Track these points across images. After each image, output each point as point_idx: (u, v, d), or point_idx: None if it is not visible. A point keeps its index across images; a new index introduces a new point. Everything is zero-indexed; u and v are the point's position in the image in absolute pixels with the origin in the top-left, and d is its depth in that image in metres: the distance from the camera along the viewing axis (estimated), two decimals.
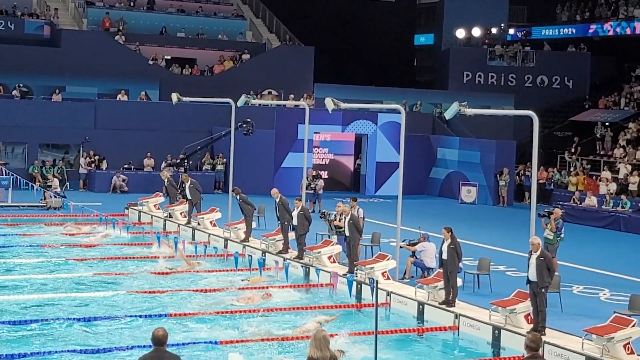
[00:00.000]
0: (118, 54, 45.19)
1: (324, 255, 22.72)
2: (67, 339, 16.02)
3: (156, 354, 9.89)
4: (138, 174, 39.78)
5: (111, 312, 18.05)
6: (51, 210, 32.31)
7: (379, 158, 41.57)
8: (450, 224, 19.30)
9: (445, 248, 18.79)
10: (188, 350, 15.46)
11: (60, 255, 23.84)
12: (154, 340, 9.89)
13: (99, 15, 48.10)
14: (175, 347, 15.17)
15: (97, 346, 15.52)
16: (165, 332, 9.94)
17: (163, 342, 9.88)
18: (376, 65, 55.24)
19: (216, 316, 18.05)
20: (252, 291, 19.97)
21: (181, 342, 15.87)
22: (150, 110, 42.27)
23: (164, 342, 9.89)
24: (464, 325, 17.83)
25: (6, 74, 42.52)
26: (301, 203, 23.84)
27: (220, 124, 39.02)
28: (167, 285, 20.84)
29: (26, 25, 45.66)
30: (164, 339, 9.88)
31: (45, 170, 38.60)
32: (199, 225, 28.04)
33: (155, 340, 9.89)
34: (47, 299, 18.95)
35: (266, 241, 24.69)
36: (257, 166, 39.01)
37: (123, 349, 15.31)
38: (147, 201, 31.59)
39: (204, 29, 49.80)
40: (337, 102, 23.12)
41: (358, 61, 54.71)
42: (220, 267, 23.28)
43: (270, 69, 47.06)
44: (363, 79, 49.08)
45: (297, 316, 18.36)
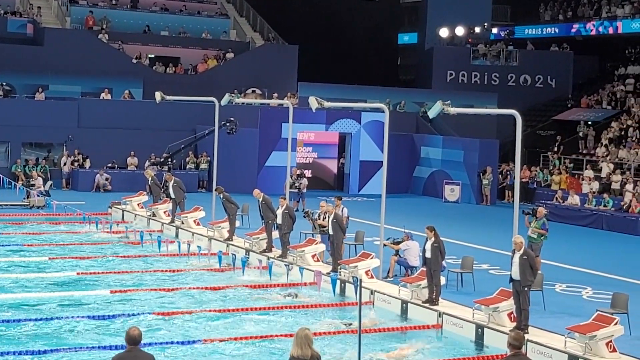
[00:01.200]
0: (101, 52, 45.05)
1: (307, 254, 22.75)
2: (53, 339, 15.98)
3: (131, 353, 9.93)
4: (121, 172, 39.68)
5: (95, 311, 18.00)
6: (34, 209, 32.19)
7: (363, 157, 41.61)
8: (434, 223, 19.35)
9: (429, 247, 18.83)
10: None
11: (44, 254, 23.76)
12: (129, 339, 9.95)
13: (82, 14, 47.93)
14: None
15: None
16: (140, 332, 10.00)
17: (138, 341, 9.95)
18: (360, 64, 55.24)
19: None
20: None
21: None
22: (134, 109, 42.15)
23: (139, 342, 9.96)
24: (447, 324, 17.89)
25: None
26: (285, 202, 23.86)
27: (204, 123, 38.95)
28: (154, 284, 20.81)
29: (9, 24, 45.46)
30: (139, 338, 9.95)
31: (28, 169, 38.45)
32: (182, 224, 28.00)
33: (131, 340, 9.95)
34: (29, 299, 18.87)
35: (250, 240, 24.70)
36: (241, 165, 38.99)
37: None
38: (130, 200, 31.53)
39: (187, 27, 49.72)
40: (321, 101, 23.11)
41: (342, 60, 54.72)
42: (204, 265, 23.25)
43: (254, 67, 47.03)
44: (347, 78, 49.08)
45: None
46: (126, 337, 9.95)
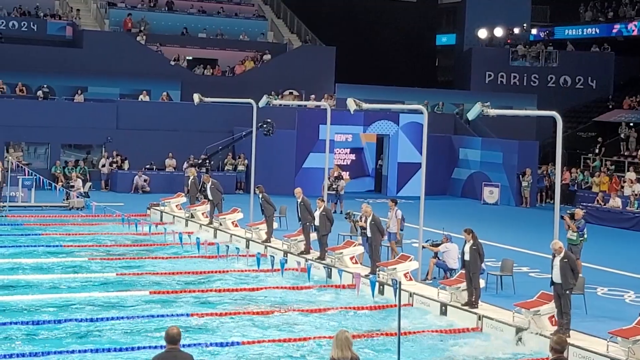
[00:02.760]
0: (140, 54, 45.29)
1: (346, 256, 22.66)
2: (93, 338, 16.04)
3: (170, 353, 9.85)
4: (160, 174, 39.83)
5: (133, 312, 18.05)
6: (74, 211, 32.40)
7: (401, 159, 41.42)
8: (473, 225, 19.19)
9: (468, 249, 18.68)
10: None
11: (83, 255, 23.88)
12: (169, 338, 9.84)
13: (120, 16, 48.23)
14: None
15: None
16: (179, 331, 9.91)
17: (177, 340, 9.84)
18: (397, 66, 55.06)
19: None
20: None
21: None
22: (172, 110, 42.30)
23: (178, 341, 9.85)
24: (487, 327, 17.72)
25: (29, 74, 42.70)
26: (323, 203, 23.76)
27: (242, 125, 38.97)
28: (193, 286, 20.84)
29: (49, 27, 45.88)
30: (178, 337, 9.84)
31: (67, 171, 38.71)
32: (220, 225, 28.03)
33: (170, 339, 9.84)
34: (69, 299, 18.96)
35: (288, 242, 24.65)
36: (278, 167, 38.96)
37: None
38: (169, 201, 31.62)
39: (225, 29, 49.83)
40: (359, 102, 23.02)
41: (379, 61, 54.56)
42: (242, 267, 23.26)
43: (291, 69, 47.01)
44: (384, 80, 48.94)
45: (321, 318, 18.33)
46: (165, 336, 9.86)
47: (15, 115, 39.10)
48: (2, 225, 29.09)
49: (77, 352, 15.09)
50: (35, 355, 14.88)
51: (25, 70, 42.57)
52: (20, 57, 42.96)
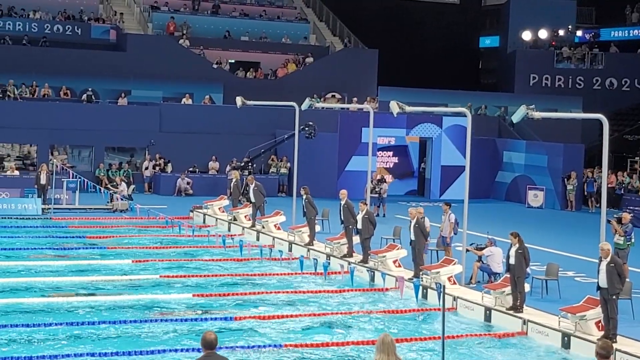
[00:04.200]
0: (182, 57, 45.51)
1: (389, 259, 22.52)
2: (137, 340, 16.07)
3: (209, 358, 9.78)
4: (203, 177, 39.97)
5: (177, 314, 18.07)
6: (117, 213, 32.58)
7: (444, 162, 41.18)
8: (517, 229, 19.02)
9: (513, 253, 18.48)
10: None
11: (127, 258, 23.98)
12: (206, 344, 9.78)
13: (163, 20, 48.51)
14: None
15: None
16: (216, 336, 9.86)
17: (214, 345, 9.78)
18: (440, 68, 54.81)
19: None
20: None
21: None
22: (215, 113, 42.44)
23: (215, 345, 9.79)
24: (532, 332, 17.52)
25: (73, 78, 43.11)
26: (366, 207, 23.64)
27: (284, 127, 39.00)
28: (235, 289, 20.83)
29: (92, 30, 46.29)
30: (215, 342, 9.78)
31: (111, 173, 38.96)
32: (263, 228, 28.02)
33: (207, 344, 9.79)
34: (113, 301, 19.03)
35: (330, 245, 24.57)
36: (320, 169, 38.88)
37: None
38: (211, 204, 31.70)
39: (267, 32, 49.93)
40: (402, 105, 22.90)
41: (422, 64, 54.36)
42: (285, 270, 23.22)
43: (333, 72, 46.98)
44: (427, 82, 48.72)
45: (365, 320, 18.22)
46: (202, 341, 9.79)
47: (59, 118, 39.45)
48: (47, 227, 29.34)
49: (121, 354, 15.12)
50: (81, 355, 14.95)
51: (70, 73, 42.96)
52: (64, 61, 43.39)
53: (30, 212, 31.37)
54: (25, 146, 41.10)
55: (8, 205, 31.58)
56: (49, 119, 39.24)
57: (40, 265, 22.81)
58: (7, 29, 44.98)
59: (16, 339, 15.85)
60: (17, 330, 16.33)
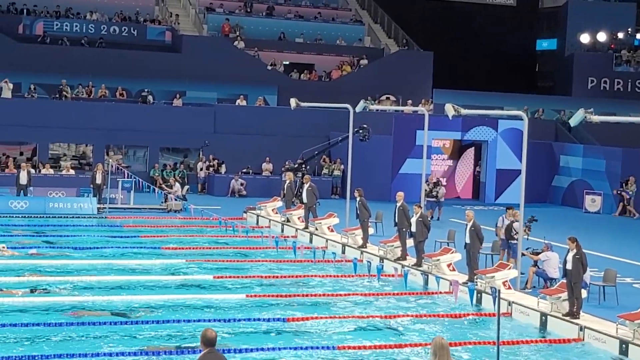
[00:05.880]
0: (237, 59, 45.66)
1: (443, 263, 22.33)
2: (190, 340, 16.06)
3: (213, 356, 9.80)
4: (256, 178, 40.02)
5: (229, 314, 18.05)
6: (171, 213, 32.75)
7: (500, 165, 40.76)
8: (574, 234, 18.73)
9: (570, 258, 18.18)
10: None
11: (181, 258, 24.05)
12: (209, 341, 9.78)
13: (218, 21, 48.74)
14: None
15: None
16: (216, 333, 9.90)
17: (214, 342, 9.82)
18: (496, 71, 54.36)
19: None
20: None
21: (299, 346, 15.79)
22: (269, 115, 42.50)
23: (215, 343, 9.83)
24: (589, 338, 17.22)
25: (129, 79, 43.48)
26: (420, 210, 23.45)
27: (338, 129, 38.87)
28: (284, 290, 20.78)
29: (148, 31, 46.68)
30: (215, 340, 9.82)
31: (166, 174, 39.18)
32: (316, 230, 27.95)
33: (208, 341, 9.78)
34: (167, 300, 19.07)
35: (384, 247, 24.43)
36: (374, 172, 38.71)
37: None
38: (265, 205, 31.71)
39: (322, 34, 49.92)
40: (457, 108, 22.66)
41: (477, 66, 53.96)
42: (338, 272, 23.12)
43: (388, 74, 46.79)
44: (482, 85, 48.32)
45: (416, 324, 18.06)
46: (203, 339, 9.79)
47: (115, 118, 39.79)
48: (102, 226, 29.59)
49: (174, 354, 15.12)
50: (135, 354, 14.99)
51: (125, 74, 43.35)
52: (120, 62, 43.79)
53: (85, 212, 31.65)
54: (81, 146, 41.51)
55: (64, 205, 31.90)
56: (105, 119, 39.59)
57: (96, 264, 22.97)
58: (64, 30, 45.51)
59: (75, 337, 15.97)
60: (82, 328, 16.48)
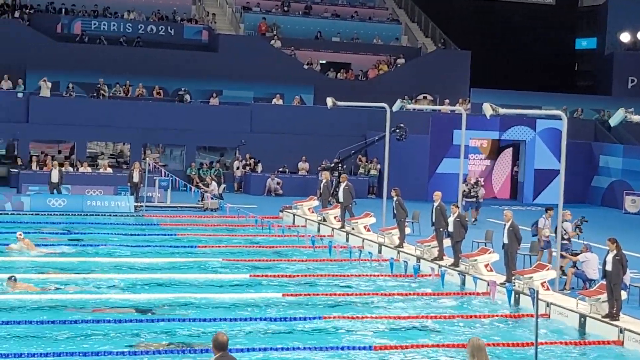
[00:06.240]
0: (274, 58, 45.65)
1: (480, 263, 22.15)
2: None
3: (224, 358, 9.86)
4: (292, 177, 40.01)
5: (265, 313, 18.02)
6: (208, 212, 32.81)
7: (538, 165, 40.41)
8: (614, 235, 18.53)
9: (610, 259, 17.95)
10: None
11: (217, 256, 24.08)
12: (221, 345, 9.85)
13: (255, 20, 48.78)
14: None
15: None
16: (228, 337, 9.96)
17: (226, 346, 9.89)
18: (535, 70, 53.93)
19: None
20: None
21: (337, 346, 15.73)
22: (305, 114, 42.47)
23: (227, 347, 9.90)
24: (629, 341, 16.98)
25: (166, 78, 43.64)
26: (458, 209, 23.31)
27: (374, 129, 38.79)
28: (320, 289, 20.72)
29: (185, 31, 46.83)
30: (227, 343, 9.90)
31: (202, 172, 39.28)
32: (353, 229, 27.87)
33: (220, 345, 9.85)
34: (203, 299, 19.08)
35: (421, 247, 24.29)
36: (411, 171, 38.53)
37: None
38: (301, 204, 31.67)
39: (359, 33, 49.80)
40: (495, 107, 22.48)
41: (515, 65, 53.56)
42: (374, 272, 23.03)
43: (425, 73, 46.57)
44: (520, 84, 47.95)
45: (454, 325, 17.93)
46: (214, 342, 9.85)
47: (152, 117, 39.97)
48: (139, 225, 29.70)
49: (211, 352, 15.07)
50: (172, 353, 14.99)
51: (162, 73, 43.52)
52: (157, 61, 43.94)
53: (122, 210, 31.82)
54: (119, 144, 41.77)
55: (101, 203, 32.11)
56: (142, 118, 39.79)
57: (133, 262, 23.06)
58: (102, 29, 45.77)
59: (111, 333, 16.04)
60: (121, 326, 16.61)
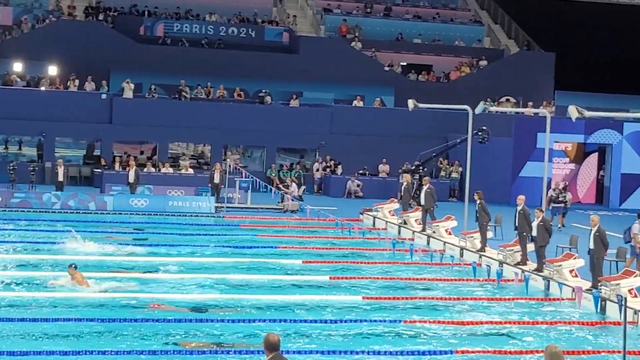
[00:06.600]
0: (354, 60, 45.56)
1: (565, 269, 21.63)
2: (306, 340, 15.93)
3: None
4: (373, 179, 39.81)
5: (345, 316, 17.84)
6: (288, 213, 32.79)
7: (625, 169, 39.53)
8: None
9: None
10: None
11: (297, 258, 23.99)
12: (272, 345, 9.61)
13: (336, 22, 48.73)
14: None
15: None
16: (279, 337, 9.73)
17: (278, 347, 9.67)
18: (621, 72, 52.80)
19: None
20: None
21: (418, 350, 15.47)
22: (386, 116, 42.28)
23: (279, 347, 9.68)
24: None
25: (246, 79, 43.83)
26: (542, 214, 22.82)
27: (456, 131, 38.40)
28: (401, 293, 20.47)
29: (266, 33, 47.00)
30: (279, 344, 9.67)
31: (282, 174, 39.32)
32: (434, 232, 27.54)
33: (271, 346, 9.63)
34: (282, 300, 18.99)
35: (503, 252, 23.85)
36: (493, 175, 38.05)
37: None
38: (382, 207, 31.46)
39: (440, 35, 49.41)
40: (581, 110, 22.01)
41: (601, 67, 52.56)
42: (456, 276, 22.69)
43: (508, 75, 46.00)
44: (607, 86, 47.00)
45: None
46: (266, 343, 9.61)
47: (233, 119, 40.16)
48: (220, 225, 29.81)
49: (290, 353, 14.97)
50: (252, 353, 14.89)
51: (243, 75, 43.73)
52: (238, 63, 44.20)
53: (203, 210, 32.02)
54: (200, 145, 42.07)
55: (183, 203, 32.36)
56: (223, 119, 40.02)
57: (214, 262, 23.10)
58: (184, 31, 46.19)
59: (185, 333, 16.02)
60: (203, 325, 16.58)
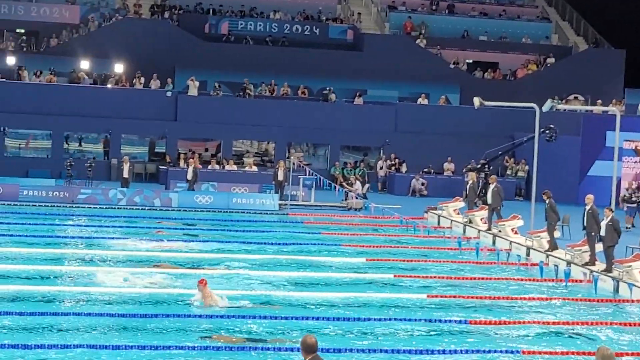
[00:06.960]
0: (419, 57, 45.27)
1: (635, 270, 21.14)
2: (369, 338, 15.78)
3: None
4: (438, 178, 39.50)
5: (410, 314, 17.65)
6: (352, 211, 32.66)
7: None
8: None
9: None
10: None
11: (361, 256, 23.83)
12: (310, 347, 9.46)
13: (400, 20, 48.45)
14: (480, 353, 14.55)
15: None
16: (316, 339, 9.55)
17: (316, 348, 9.51)
18: None
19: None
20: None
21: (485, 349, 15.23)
22: (451, 114, 41.92)
23: (316, 349, 9.52)
24: None
25: (310, 77, 43.81)
26: (612, 213, 22.34)
27: (522, 130, 37.86)
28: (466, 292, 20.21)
29: (330, 30, 46.93)
30: (316, 345, 9.52)
31: (346, 172, 39.19)
32: (500, 232, 27.18)
33: (309, 348, 9.46)
34: (345, 298, 18.86)
35: (571, 252, 23.42)
36: (561, 173, 37.48)
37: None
38: (446, 206, 31.17)
39: (507, 32, 48.85)
40: None
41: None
42: (523, 276, 22.34)
43: (576, 73, 45.30)
44: None
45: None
46: (303, 345, 9.47)
47: (297, 116, 40.16)
48: (284, 222, 29.83)
49: (355, 351, 14.84)
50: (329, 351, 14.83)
51: (307, 73, 43.70)
52: (302, 60, 44.20)
53: (267, 208, 32.03)
54: (264, 143, 42.13)
55: (247, 200, 32.43)
56: (286, 117, 40.04)
57: (278, 259, 23.06)
58: (248, 29, 46.32)
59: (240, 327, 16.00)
60: (266, 321, 16.53)
